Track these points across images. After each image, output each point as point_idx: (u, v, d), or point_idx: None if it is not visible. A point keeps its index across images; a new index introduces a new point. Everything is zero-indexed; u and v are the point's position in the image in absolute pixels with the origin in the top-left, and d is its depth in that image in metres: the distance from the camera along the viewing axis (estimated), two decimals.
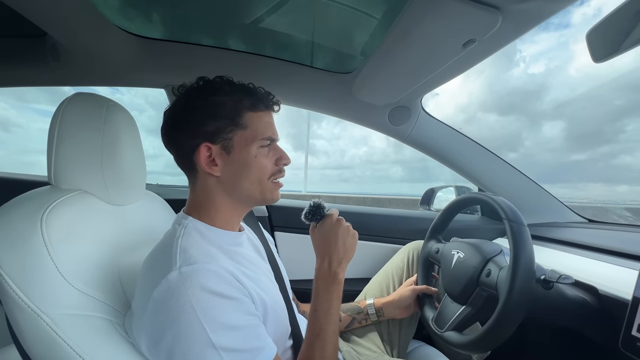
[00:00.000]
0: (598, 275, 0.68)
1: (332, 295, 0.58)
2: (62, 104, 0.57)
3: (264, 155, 0.55)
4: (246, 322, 0.47)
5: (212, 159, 0.53)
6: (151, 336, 0.44)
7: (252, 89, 0.56)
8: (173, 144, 0.56)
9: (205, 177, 0.55)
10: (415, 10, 0.57)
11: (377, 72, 0.82)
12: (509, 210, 0.65)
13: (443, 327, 0.72)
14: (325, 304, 0.57)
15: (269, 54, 0.95)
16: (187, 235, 0.51)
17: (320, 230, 0.63)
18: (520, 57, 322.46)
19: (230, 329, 0.44)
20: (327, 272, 0.59)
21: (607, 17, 0.46)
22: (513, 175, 1.13)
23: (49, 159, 0.56)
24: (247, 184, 0.55)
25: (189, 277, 0.43)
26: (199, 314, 0.42)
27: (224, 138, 0.53)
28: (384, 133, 1.11)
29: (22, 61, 0.91)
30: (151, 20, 0.85)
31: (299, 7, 0.79)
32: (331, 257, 0.60)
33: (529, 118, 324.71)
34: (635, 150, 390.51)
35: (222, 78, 0.56)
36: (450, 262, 0.77)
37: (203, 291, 0.43)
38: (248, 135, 0.54)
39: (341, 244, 0.60)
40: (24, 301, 0.43)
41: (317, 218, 0.64)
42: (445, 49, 0.64)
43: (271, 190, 0.57)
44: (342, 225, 0.62)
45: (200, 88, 0.55)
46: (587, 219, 1.13)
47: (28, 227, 0.47)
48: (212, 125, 0.52)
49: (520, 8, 0.53)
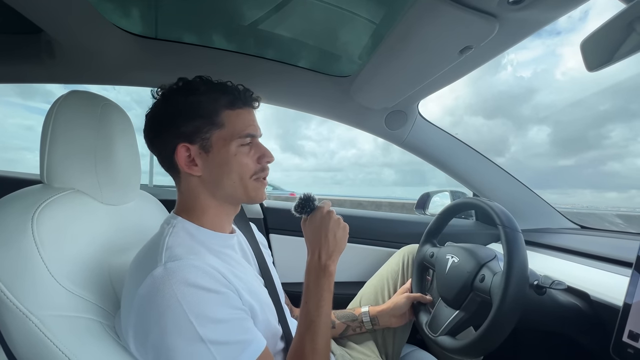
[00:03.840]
0: (590, 282, 0.69)
1: (322, 287, 0.58)
2: (56, 102, 0.56)
3: (244, 154, 0.55)
4: (232, 315, 0.46)
5: (191, 159, 0.53)
6: (138, 333, 0.44)
7: (230, 86, 0.56)
8: (154, 146, 0.56)
9: (188, 178, 0.55)
10: (414, 16, 0.58)
11: (375, 76, 0.83)
12: (504, 216, 0.66)
13: (437, 332, 0.72)
14: (316, 297, 0.57)
15: (267, 55, 0.95)
16: (174, 234, 0.50)
17: (311, 222, 0.63)
18: (508, 60, 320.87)
19: (217, 322, 0.44)
20: (318, 265, 0.59)
21: (601, 28, 0.47)
22: (507, 181, 1.14)
23: (42, 156, 0.55)
24: (229, 183, 0.54)
25: (173, 273, 0.43)
26: (185, 308, 0.42)
27: (202, 138, 0.53)
28: (380, 137, 1.12)
29: (16, 58, 0.89)
30: (148, 19, 0.84)
31: (298, 10, 0.79)
32: (321, 250, 0.60)
33: (515, 122, 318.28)
34: (623, 157, 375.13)
35: (201, 78, 0.56)
36: (445, 266, 0.77)
37: (188, 286, 0.43)
38: (226, 134, 0.53)
39: (331, 236, 0.60)
40: (12, 302, 0.42)
41: (308, 210, 0.63)
42: (443, 55, 0.65)
43: (254, 189, 0.56)
44: (333, 218, 0.62)
45: (178, 89, 0.55)
46: (579, 225, 1.14)
47: (18, 226, 0.46)
48: (189, 125, 0.52)
49: (517, 16, 0.53)
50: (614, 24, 0.46)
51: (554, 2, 0.50)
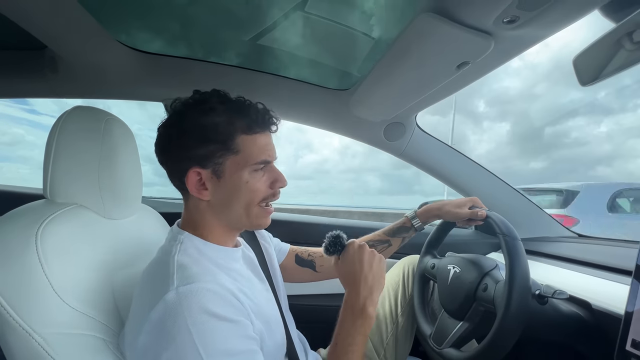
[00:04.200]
0: (591, 290, 0.70)
1: (357, 330, 0.53)
2: (60, 117, 0.57)
3: (257, 179, 0.53)
4: (244, 346, 0.45)
5: (202, 182, 0.52)
6: (146, 358, 0.43)
7: (248, 108, 0.53)
8: (165, 163, 0.55)
9: (196, 200, 0.54)
10: (412, 33, 0.60)
11: (374, 90, 0.84)
12: (503, 224, 0.66)
13: (441, 344, 0.72)
14: (347, 339, 0.53)
15: (267, 70, 0.97)
16: (183, 251, 0.50)
17: (344, 261, 0.60)
18: None
19: (226, 354, 0.42)
20: (355, 303, 0.54)
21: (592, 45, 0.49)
22: (504, 190, 1.16)
23: (45, 172, 0.55)
24: (236, 209, 0.53)
25: (186, 298, 0.42)
26: (194, 337, 0.40)
27: (214, 163, 0.51)
28: (379, 148, 1.13)
29: (20, 73, 0.90)
30: (151, 35, 0.86)
31: (299, 26, 0.81)
32: (359, 286, 0.55)
33: (473, 119, 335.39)
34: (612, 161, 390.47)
35: (218, 93, 0.54)
36: (447, 277, 0.77)
37: (201, 313, 0.42)
38: (240, 160, 0.52)
39: (367, 268, 0.56)
40: (15, 320, 0.42)
41: (339, 249, 0.62)
42: (441, 70, 0.67)
43: (258, 216, 0.55)
44: (366, 250, 0.59)
45: (194, 105, 0.52)
46: (577, 234, 1.16)
47: (22, 242, 0.45)
48: (203, 149, 0.50)
49: (512, 34, 0.56)
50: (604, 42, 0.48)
51: (546, 21, 0.52)
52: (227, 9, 0.76)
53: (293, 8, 0.73)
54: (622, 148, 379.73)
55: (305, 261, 0.83)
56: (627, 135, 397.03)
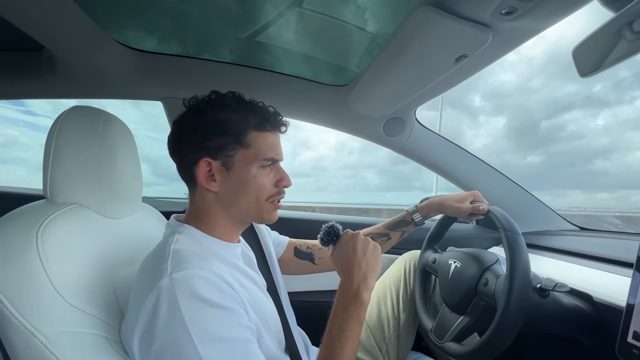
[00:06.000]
0: (592, 283, 0.70)
1: (350, 315, 0.53)
2: (59, 117, 0.57)
3: (264, 176, 0.56)
4: (237, 334, 0.45)
5: (211, 174, 0.54)
6: (143, 343, 0.43)
7: (261, 108, 0.57)
8: (176, 154, 0.57)
9: (204, 191, 0.55)
10: (410, 27, 0.59)
11: (373, 85, 0.84)
12: (504, 219, 0.66)
13: (442, 338, 0.72)
14: (341, 325, 0.52)
15: (265, 67, 0.96)
16: (180, 241, 0.50)
17: (339, 249, 0.61)
18: None
19: (219, 341, 0.43)
20: (349, 289, 0.55)
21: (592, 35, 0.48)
22: (505, 184, 1.15)
23: (45, 172, 0.56)
24: (244, 202, 0.55)
25: (179, 284, 0.43)
26: (187, 323, 0.41)
27: (225, 155, 0.53)
28: (379, 144, 1.13)
29: (18, 74, 0.90)
30: (149, 33, 0.86)
31: (296, 22, 0.81)
32: (353, 272, 0.56)
33: (469, 114, 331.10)
34: (610, 154, 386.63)
35: (233, 94, 0.57)
36: (448, 271, 0.77)
37: (193, 299, 0.42)
38: (250, 154, 0.54)
39: (361, 254, 0.57)
40: (17, 319, 0.42)
41: (334, 239, 0.63)
42: (439, 64, 0.67)
43: (268, 210, 0.57)
44: (360, 237, 0.60)
45: (210, 102, 0.55)
46: (579, 227, 1.15)
47: (23, 242, 0.46)
48: (216, 141, 0.53)
49: (510, 26, 0.55)
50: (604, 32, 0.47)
51: (545, 12, 0.51)
52: (224, 7, 0.76)
53: (290, 4, 0.72)
54: (620, 141, 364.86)
55: (304, 254, 0.83)
56: (624, 128, 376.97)
